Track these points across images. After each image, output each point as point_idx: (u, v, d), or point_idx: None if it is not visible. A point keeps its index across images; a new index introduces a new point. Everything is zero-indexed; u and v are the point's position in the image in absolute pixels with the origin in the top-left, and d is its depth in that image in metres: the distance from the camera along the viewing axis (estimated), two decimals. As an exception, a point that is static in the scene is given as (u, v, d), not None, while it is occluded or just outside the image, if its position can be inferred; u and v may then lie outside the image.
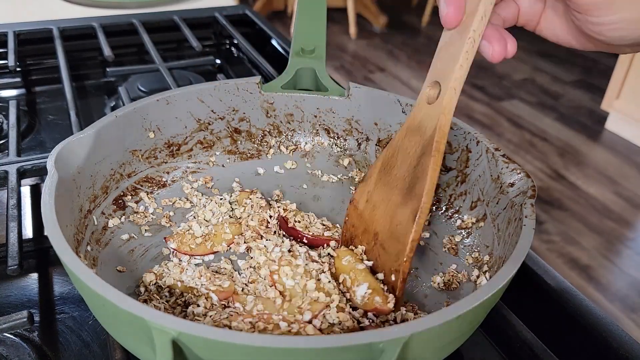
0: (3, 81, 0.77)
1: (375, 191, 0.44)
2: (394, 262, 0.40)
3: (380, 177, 0.44)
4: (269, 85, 0.56)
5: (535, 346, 0.40)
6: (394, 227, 0.41)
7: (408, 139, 0.42)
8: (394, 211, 0.42)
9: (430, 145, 0.40)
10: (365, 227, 0.44)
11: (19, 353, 0.39)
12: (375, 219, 0.43)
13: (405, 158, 0.42)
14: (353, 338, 0.28)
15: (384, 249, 0.42)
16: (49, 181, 0.39)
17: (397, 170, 0.42)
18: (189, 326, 0.28)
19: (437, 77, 0.40)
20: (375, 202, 0.44)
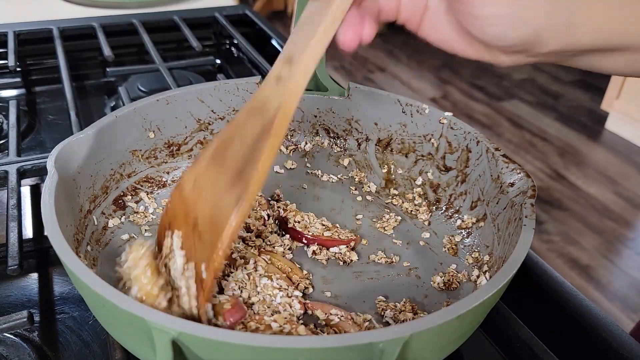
0: (3, 81, 0.77)
1: (206, 174, 0.39)
2: (208, 254, 0.36)
3: (213, 159, 0.39)
4: (269, 85, 0.55)
5: (535, 346, 0.40)
6: (216, 213, 0.36)
7: (249, 119, 0.37)
8: (218, 196, 0.37)
9: (270, 127, 0.35)
10: (185, 212, 0.39)
11: (19, 353, 0.39)
12: (199, 202, 0.38)
13: (242, 139, 0.37)
14: (353, 338, 0.28)
15: (200, 238, 0.37)
16: (49, 181, 0.39)
17: (232, 152, 0.38)
18: (189, 326, 0.28)
19: (291, 52, 0.36)
20: (203, 186, 0.39)
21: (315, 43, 0.35)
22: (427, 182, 0.53)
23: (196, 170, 0.39)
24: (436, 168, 0.53)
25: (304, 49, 0.35)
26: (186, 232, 0.38)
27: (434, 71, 2.97)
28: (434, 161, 0.53)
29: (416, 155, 0.54)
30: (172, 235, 0.39)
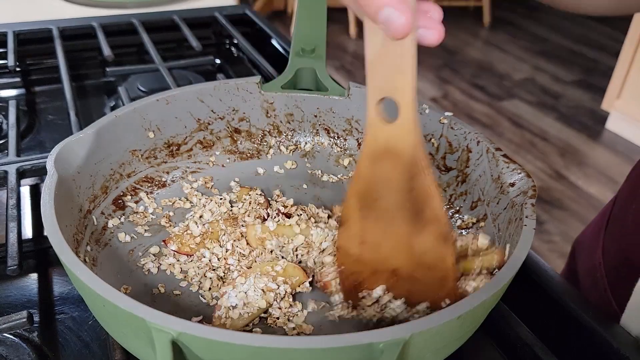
0: (3, 81, 0.77)
1: (367, 230, 0.39)
2: (438, 289, 0.38)
3: (365, 215, 0.39)
4: (269, 85, 0.56)
5: (535, 346, 0.40)
6: (420, 257, 0.38)
7: (379, 166, 0.37)
8: (409, 242, 0.38)
9: (416, 166, 0.35)
10: (374, 268, 0.40)
11: (18, 353, 0.39)
12: (385, 256, 0.39)
13: (386, 188, 0.37)
14: (353, 338, 0.28)
15: (415, 281, 0.38)
16: (49, 181, 0.39)
17: (384, 201, 0.37)
18: (189, 326, 0.28)
19: (383, 93, 0.35)
20: (375, 241, 0.39)
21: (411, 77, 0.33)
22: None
23: (351, 231, 0.40)
24: (436, 168, 0.52)
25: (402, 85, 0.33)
26: (389, 283, 0.40)
27: (434, 71, 2.97)
28: (434, 161, 0.52)
29: (416, 155, 0.54)
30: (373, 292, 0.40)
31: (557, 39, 3.43)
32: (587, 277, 0.59)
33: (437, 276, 0.37)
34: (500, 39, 3.42)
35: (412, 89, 0.33)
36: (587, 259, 0.60)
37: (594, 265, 0.57)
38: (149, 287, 0.42)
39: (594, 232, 0.60)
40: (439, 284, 0.38)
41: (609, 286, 0.53)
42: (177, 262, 0.45)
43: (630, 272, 0.49)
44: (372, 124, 0.36)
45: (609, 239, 0.56)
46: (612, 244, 0.55)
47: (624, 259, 0.51)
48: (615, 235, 0.55)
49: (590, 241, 0.61)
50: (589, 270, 0.58)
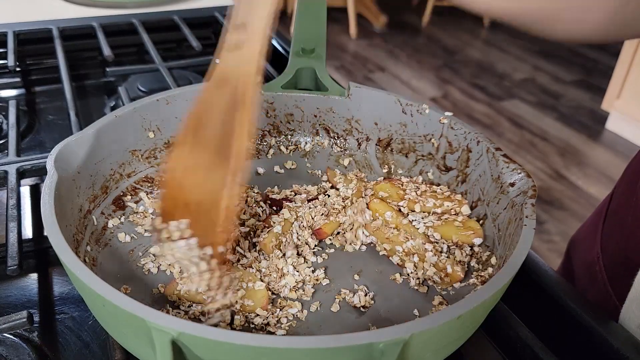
0: (3, 81, 0.77)
1: (190, 155, 0.38)
2: (219, 233, 0.36)
3: (192, 138, 0.38)
4: (269, 85, 0.56)
5: (535, 346, 0.40)
6: (213, 194, 0.36)
7: (217, 91, 0.37)
8: (209, 175, 0.37)
9: (241, 97, 0.35)
10: (183, 198, 0.38)
11: (18, 353, 0.39)
12: (192, 185, 0.38)
13: (215, 114, 0.37)
14: (353, 338, 0.28)
15: (205, 220, 0.37)
16: (49, 181, 0.39)
17: (209, 129, 0.37)
18: (189, 326, 0.28)
19: (242, 19, 0.36)
20: (191, 166, 0.38)
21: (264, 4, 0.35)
22: (427, 182, 0.53)
23: (182, 154, 0.38)
24: (436, 168, 0.52)
25: (256, 12, 0.35)
26: (192, 218, 0.38)
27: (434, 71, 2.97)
28: (435, 161, 0.52)
29: (416, 155, 0.54)
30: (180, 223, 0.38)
31: (557, 39, 3.43)
32: (584, 273, 0.59)
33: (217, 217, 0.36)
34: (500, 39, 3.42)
35: (262, 18, 0.34)
36: (585, 255, 0.60)
37: (592, 260, 0.57)
38: (149, 287, 0.42)
39: (591, 229, 0.61)
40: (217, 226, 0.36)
41: (608, 280, 0.53)
42: (177, 262, 0.44)
43: (630, 266, 0.49)
44: (223, 49, 0.36)
45: (607, 234, 0.56)
46: (611, 240, 0.55)
47: (623, 254, 0.52)
48: (614, 231, 0.55)
49: (587, 238, 0.61)
50: (586, 265, 0.58)
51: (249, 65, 0.35)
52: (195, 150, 0.38)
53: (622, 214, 0.54)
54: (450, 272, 0.43)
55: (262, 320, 0.40)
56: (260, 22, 0.35)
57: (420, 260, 0.44)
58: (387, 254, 0.46)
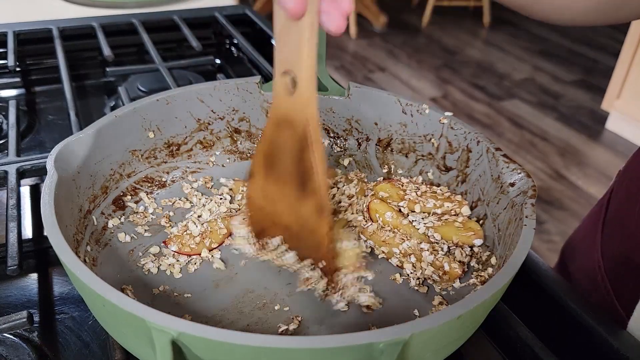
0: (3, 81, 0.77)
1: (268, 187, 0.42)
2: (317, 253, 0.41)
3: (267, 173, 0.42)
4: (269, 85, 0.56)
5: (535, 346, 0.40)
6: (303, 220, 0.41)
7: (280, 133, 0.40)
8: (296, 206, 0.41)
9: (306, 140, 0.38)
10: (272, 221, 0.43)
11: (18, 353, 0.39)
12: (280, 212, 0.42)
13: (283, 153, 0.40)
14: (353, 338, 0.28)
15: (301, 240, 0.42)
16: (49, 181, 0.39)
17: (281, 165, 0.41)
18: (189, 326, 0.28)
19: (286, 66, 0.37)
20: (273, 197, 0.42)
21: (307, 55, 0.36)
22: (427, 182, 0.53)
23: (258, 185, 0.43)
24: (436, 168, 0.52)
25: (300, 62, 0.36)
26: (285, 237, 0.43)
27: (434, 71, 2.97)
28: (434, 161, 0.53)
29: (416, 155, 0.54)
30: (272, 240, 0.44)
31: (557, 39, 3.43)
32: (584, 278, 0.59)
33: (315, 240, 0.41)
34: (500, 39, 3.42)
35: (309, 67, 0.36)
36: (583, 262, 0.60)
37: (592, 266, 0.57)
38: (149, 287, 0.42)
39: (588, 233, 0.60)
40: (316, 247, 0.41)
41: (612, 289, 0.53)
42: (177, 262, 0.45)
43: (633, 272, 0.49)
44: (276, 94, 0.39)
45: (607, 239, 0.56)
46: (612, 245, 0.55)
47: (626, 259, 0.51)
48: (615, 236, 0.55)
49: (585, 242, 0.61)
50: (586, 270, 0.58)
51: (307, 110, 0.37)
52: (270, 183, 0.42)
53: (623, 217, 0.53)
54: (447, 269, 0.43)
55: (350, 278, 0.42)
56: (309, 71, 0.36)
57: (417, 260, 0.44)
58: (386, 257, 0.46)
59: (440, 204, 0.49)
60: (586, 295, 0.57)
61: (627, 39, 2.25)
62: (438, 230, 0.47)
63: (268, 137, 0.41)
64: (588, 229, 0.61)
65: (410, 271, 0.44)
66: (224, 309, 0.41)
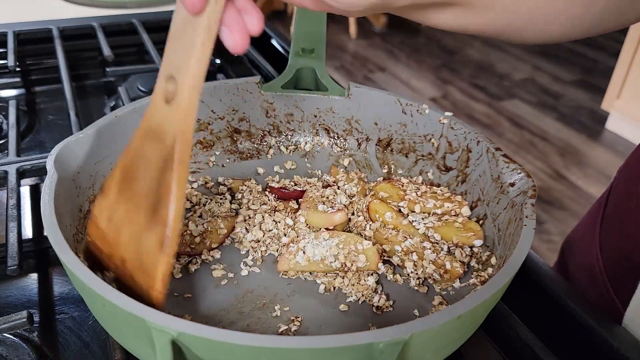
0: (3, 81, 0.77)
1: (118, 208, 0.36)
2: (148, 299, 0.34)
3: (121, 191, 0.36)
4: (269, 85, 0.56)
5: (535, 346, 0.40)
6: (142, 255, 0.34)
7: (147, 144, 0.35)
8: (140, 236, 0.34)
9: (171, 158, 0.33)
10: (110, 251, 0.36)
11: (18, 353, 0.39)
12: (121, 242, 0.36)
13: (146, 169, 0.35)
14: (353, 338, 0.28)
15: (134, 280, 0.35)
16: (49, 181, 0.39)
17: (139, 183, 0.35)
18: (189, 326, 0.28)
19: (171, 70, 0.33)
20: (118, 222, 0.36)
21: (196, 61, 0.32)
22: (427, 182, 0.53)
23: (106, 204, 0.37)
24: (436, 168, 0.52)
25: (186, 68, 0.32)
26: (117, 273, 0.36)
27: (434, 71, 2.97)
28: (434, 161, 0.52)
29: (416, 155, 0.54)
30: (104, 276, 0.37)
31: (557, 39, 3.43)
32: (583, 276, 0.59)
33: (147, 284, 0.34)
34: (500, 39, 3.42)
35: (196, 76, 0.32)
36: (582, 258, 0.60)
37: (591, 263, 0.57)
38: (149, 287, 0.42)
39: (587, 231, 0.60)
40: (147, 293, 0.34)
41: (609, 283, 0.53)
42: (177, 262, 0.45)
43: (632, 269, 0.49)
44: (154, 100, 0.34)
45: (606, 237, 0.56)
46: (610, 243, 0.55)
47: (624, 257, 0.51)
48: (614, 234, 0.55)
49: (583, 240, 0.61)
50: (585, 268, 0.58)
51: (180, 124, 0.33)
52: (121, 202, 0.36)
53: (622, 216, 0.54)
54: (449, 268, 0.43)
55: (374, 281, 0.43)
56: (195, 81, 0.32)
57: (419, 259, 0.44)
58: (387, 255, 0.46)
59: (441, 204, 0.49)
60: (585, 290, 0.57)
61: (627, 39, 2.25)
62: (438, 231, 0.47)
63: (132, 148, 0.36)
64: (587, 225, 0.61)
65: (411, 270, 0.44)
66: (224, 309, 0.41)
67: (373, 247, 0.44)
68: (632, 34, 2.23)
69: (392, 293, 0.43)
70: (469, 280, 0.43)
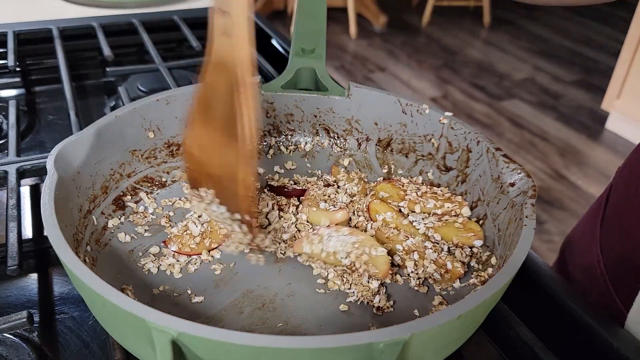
0: (3, 81, 0.77)
1: (202, 135, 0.42)
2: (239, 203, 0.41)
3: (202, 121, 0.42)
4: (269, 85, 0.56)
5: (535, 346, 0.40)
6: (229, 169, 0.41)
7: (215, 75, 0.40)
8: (223, 153, 0.41)
9: (237, 82, 0.38)
10: (205, 171, 0.43)
11: (18, 353, 0.39)
12: (210, 162, 0.42)
13: (217, 96, 0.40)
14: (353, 338, 0.28)
15: (227, 192, 0.42)
16: (49, 181, 0.39)
17: (215, 111, 0.41)
18: (189, 326, 0.28)
19: (222, 5, 0.37)
20: (206, 147, 0.42)
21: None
22: (427, 182, 0.53)
23: (193, 134, 0.43)
24: (436, 168, 0.52)
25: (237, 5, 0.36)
26: (216, 189, 0.43)
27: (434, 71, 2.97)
28: (434, 161, 0.53)
29: (416, 155, 0.54)
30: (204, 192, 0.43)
31: (557, 39, 3.43)
32: (583, 276, 0.59)
33: (237, 190, 0.41)
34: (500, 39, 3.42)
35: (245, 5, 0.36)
36: (582, 258, 0.60)
37: (591, 263, 0.57)
38: (149, 287, 0.42)
39: (587, 231, 0.60)
40: (239, 198, 0.41)
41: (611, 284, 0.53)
42: (177, 262, 0.45)
43: (633, 271, 0.49)
44: (214, 35, 0.39)
45: (606, 237, 0.56)
46: (611, 243, 0.55)
47: (626, 257, 0.51)
48: (614, 234, 0.55)
49: (584, 239, 0.61)
50: (585, 268, 0.58)
51: (241, 52, 0.37)
52: (205, 130, 0.42)
53: (622, 216, 0.54)
54: (450, 268, 0.43)
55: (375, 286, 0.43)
56: (240, 10, 0.36)
57: (420, 258, 0.44)
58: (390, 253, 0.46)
59: (441, 204, 0.49)
60: (585, 290, 0.57)
61: (627, 39, 2.25)
62: (438, 231, 0.47)
63: (204, 83, 0.41)
64: (587, 225, 0.61)
65: (412, 270, 0.44)
66: (224, 309, 0.41)
67: (386, 257, 0.44)
68: (632, 34, 2.23)
69: (393, 293, 0.43)
70: (469, 280, 0.43)
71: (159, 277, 0.44)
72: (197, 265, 0.45)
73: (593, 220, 0.59)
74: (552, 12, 3.84)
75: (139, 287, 0.42)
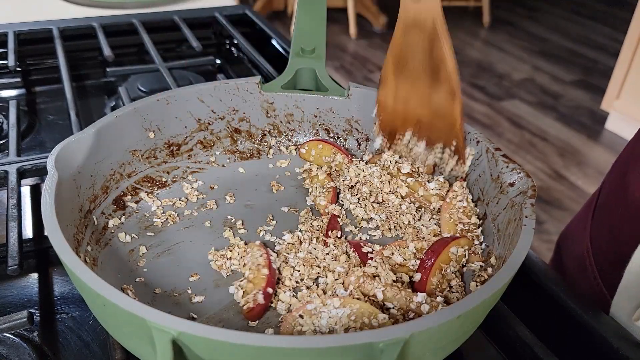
0: (3, 81, 0.77)
1: (399, 87, 0.50)
2: (449, 133, 0.48)
3: (398, 75, 0.50)
4: (269, 85, 0.56)
5: (534, 346, 0.40)
6: (436, 106, 0.48)
7: (409, 35, 0.47)
8: (428, 97, 0.48)
9: (436, 35, 0.45)
10: (404, 118, 0.51)
11: (19, 353, 0.39)
12: (410, 109, 0.50)
13: (415, 52, 0.47)
14: (353, 338, 0.28)
15: (433, 128, 0.50)
16: (49, 181, 0.39)
17: (413, 64, 0.48)
18: (189, 326, 0.28)
19: None
20: (405, 96, 0.50)
21: None
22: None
23: (387, 89, 0.51)
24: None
25: None
26: (415, 130, 0.51)
27: (434, 71, 2.96)
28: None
29: (416, 155, 0.54)
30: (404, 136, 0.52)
31: (557, 39, 3.43)
32: (575, 266, 0.60)
33: (448, 123, 0.48)
34: (500, 39, 3.42)
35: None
36: (575, 249, 0.61)
37: (581, 253, 0.58)
38: (149, 287, 0.43)
39: (580, 223, 0.62)
40: (449, 129, 0.48)
41: (598, 273, 0.54)
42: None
43: (619, 258, 0.50)
44: (405, 2, 0.47)
45: (596, 227, 0.57)
46: (600, 232, 0.56)
47: (612, 246, 0.52)
48: (603, 224, 0.56)
49: (576, 231, 0.62)
50: (576, 258, 0.59)
51: (434, 11, 0.45)
52: (402, 82, 0.50)
53: (611, 206, 0.55)
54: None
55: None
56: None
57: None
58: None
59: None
60: (575, 281, 0.58)
61: (626, 39, 2.25)
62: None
63: (397, 42, 0.48)
64: (580, 218, 0.63)
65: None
66: (224, 309, 0.41)
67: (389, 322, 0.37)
68: (631, 34, 2.23)
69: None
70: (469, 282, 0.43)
71: (159, 277, 0.44)
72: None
73: (586, 212, 0.60)
74: (551, 12, 3.84)
75: (139, 287, 0.42)
